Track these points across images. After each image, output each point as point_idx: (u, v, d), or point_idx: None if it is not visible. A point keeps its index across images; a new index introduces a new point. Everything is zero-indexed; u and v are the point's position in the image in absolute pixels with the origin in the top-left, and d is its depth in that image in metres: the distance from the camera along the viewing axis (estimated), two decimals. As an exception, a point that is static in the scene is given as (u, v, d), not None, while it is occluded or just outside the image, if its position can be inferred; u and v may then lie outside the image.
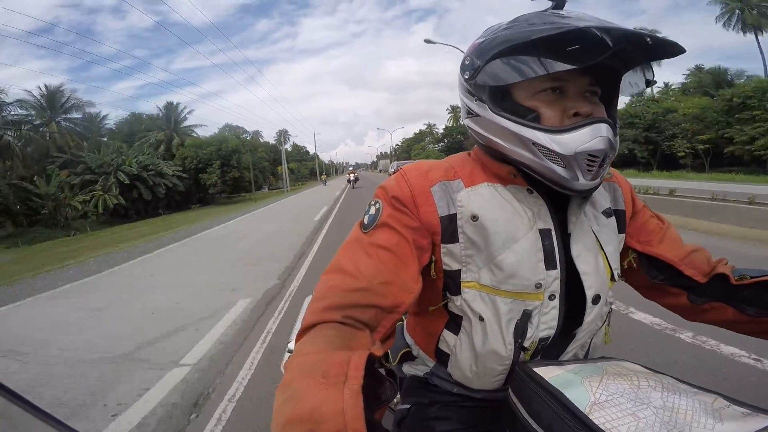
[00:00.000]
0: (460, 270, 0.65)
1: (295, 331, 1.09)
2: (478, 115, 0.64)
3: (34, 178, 21.48)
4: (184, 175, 29.68)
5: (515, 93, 0.61)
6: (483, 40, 0.62)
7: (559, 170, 0.57)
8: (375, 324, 0.57)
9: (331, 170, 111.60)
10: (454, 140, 50.62)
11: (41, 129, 27.62)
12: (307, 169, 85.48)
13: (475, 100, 0.63)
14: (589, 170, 0.57)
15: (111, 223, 23.14)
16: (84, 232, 19.68)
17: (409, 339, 0.83)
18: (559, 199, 0.67)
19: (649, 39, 0.51)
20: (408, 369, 0.81)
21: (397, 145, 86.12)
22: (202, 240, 10.57)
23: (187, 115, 40.21)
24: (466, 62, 0.62)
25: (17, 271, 8.87)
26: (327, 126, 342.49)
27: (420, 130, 71.74)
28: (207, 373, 2.79)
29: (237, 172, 33.19)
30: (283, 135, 71.19)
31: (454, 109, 61.64)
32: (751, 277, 0.65)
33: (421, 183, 0.66)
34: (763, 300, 0.65)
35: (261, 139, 62.07)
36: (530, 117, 0.59)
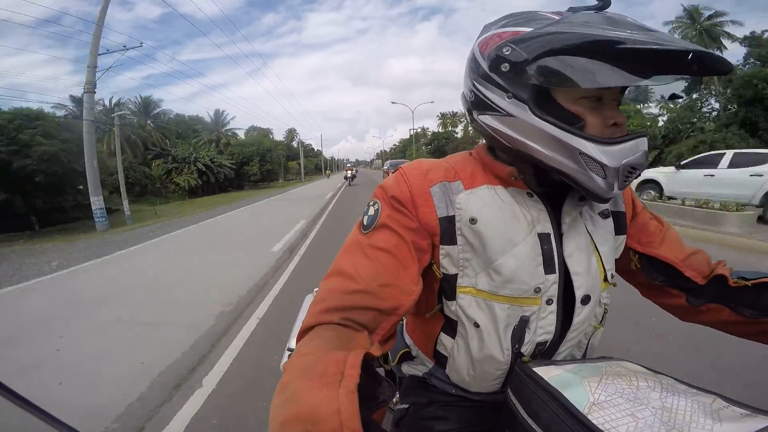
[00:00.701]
0: (456, 275, 0.60)
1: (294, 331, 1.10)
2: (508, 114, 0.55)
3: (151, 165, 30.42)
4: (234, 166, 37.97)
5: (558, 95, 0.53)
6: (530, 30, 0.52)
7: (599, 180, 0.52)
8: (374, 326, 0.54)
9: (333, 166, 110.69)
10: (440, 143, 53.61)
11: (146, 129, 34.58)
12: (312, 164, 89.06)
13: (508, 97, 0.54)
14: (625, 181, 0.53)
15: (189, 197, 30.47)
16: (179, 201, 27.62)
17: (408, 339, 0.78)
18: (556, 202, 0.61)
19: (711, 58, 0.46)
20: (407, 369, 0.76)
21: (395, 144, 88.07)
22: (293, 192, 23.43)
23: (230, 121, 48.96)
24: (505, 52, 0.51)
25: (191, 209, 17.63)
26: (329, 122, 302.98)
27: (415, 131, 73.85)
28: (331, 200, 15.02)
29: (270, 165, 42.31)
30: (292, 133, 77.35)
31: (443, 116, 63.67)
32: (749, 279, 0.61)
33: (421, 183, 0.60)
34: (760, 302, 0.60)
35: (272, 136, 65.72)
36: (578, 125, 0.52)
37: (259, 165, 40.74)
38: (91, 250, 7.51)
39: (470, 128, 54.67)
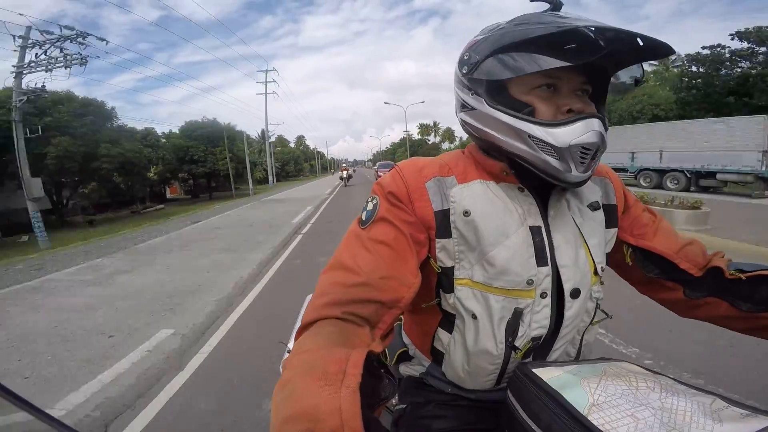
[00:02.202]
0: (453, 267, 0.54)
1: (294, 331, 0.93)
2: (473, 109, 0.55)
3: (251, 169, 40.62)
4: (279, 166, 47.79)
5: (511, 88, 0.51)
6: (482, 37, 0.52)
7: (554, 162, 0.49)
8: (376, 320, 0.48)
9: (334, 165, 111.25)
10: (415, 149, 61.43)
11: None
12: (318, 164, 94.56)
13: (472, 94, 0.54)
14: (582, 162, 0.49)
15: (258, 184, 40.02)
16: (265, 184, 36.43)
17: (405, 338, 0.69)
18: (547, 197, 0.55)
19: (639, 39, 0.45)
20: (404, 369, 0.68)
21: (387, 147, 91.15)
22: (321, 180, 34.56)
23: (270, 137, 57.05)
24: (465, 57, 0.53)
25: (280, 186, 27.57)
26: (327, 123, 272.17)
27: (402, 137, 77.68)
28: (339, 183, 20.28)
29: (300, 165, 57.62)
30: (301, 139, 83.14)
31: (422, 126, 71.03)
32: (746, 272, 0.54)
33: (416, 179, 0.55)
34: (756, 296, 0.53)
35: (288, 143, 69.88)
36: (526, 111, 0.50)
37: (293, 165, 54.75)
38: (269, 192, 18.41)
39: (441, 135, 62.91)
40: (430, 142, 62.44)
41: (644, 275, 0.61)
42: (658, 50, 0.47)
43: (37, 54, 9.47)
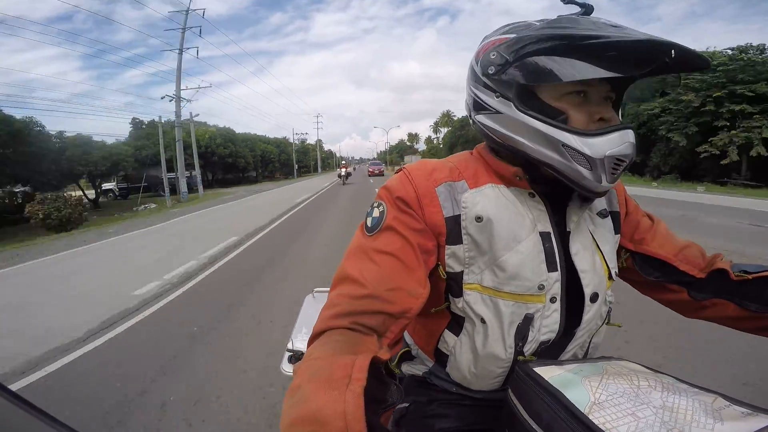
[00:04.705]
0: (462, 272, 0.51)
1: (294, 333, 0.99)
2: (497, 112, 0.49)
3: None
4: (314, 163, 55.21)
5: (542, 93, 0.46)
6: (511, 36, 0.46)
7: (585, 172, 0.45)
8: (383, 330, 0.45)
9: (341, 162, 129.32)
10: (403, 152, 64.21)
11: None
12: (334, 162, 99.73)
13: (497, 97, 0.49)
14: (612, 173, 0.46)
15: (288, 175, 44.06)
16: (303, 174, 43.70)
17: (408, 339, 0.65)
18: (557, 202, 0.52)
19: (682, 52, 0.41)
20: (407, 368, 0.65)
21: (386, 148, 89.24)
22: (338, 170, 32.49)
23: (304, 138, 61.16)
24: (491, 56, 0.47)
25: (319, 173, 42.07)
26: (334, 119, 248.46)
27: (399, 141, 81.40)
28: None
29: (324, 163, 63.14)
30: (319, 142, 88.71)
31: (410, 135, 75.24)
32: (751, 273, 0.51)
33: (426, 183, 0.51)
34: (765, 295, 0.51)
35: (307, 141, 72.50)
36: (560, 119, 0.46)
37: (322, 163, 62.55)
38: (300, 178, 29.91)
39: (433, 141, 63.54)
40: (415, 147, 69.94)
41: (645, 278, 0.59)
42: (695, 63, 0.44)
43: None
